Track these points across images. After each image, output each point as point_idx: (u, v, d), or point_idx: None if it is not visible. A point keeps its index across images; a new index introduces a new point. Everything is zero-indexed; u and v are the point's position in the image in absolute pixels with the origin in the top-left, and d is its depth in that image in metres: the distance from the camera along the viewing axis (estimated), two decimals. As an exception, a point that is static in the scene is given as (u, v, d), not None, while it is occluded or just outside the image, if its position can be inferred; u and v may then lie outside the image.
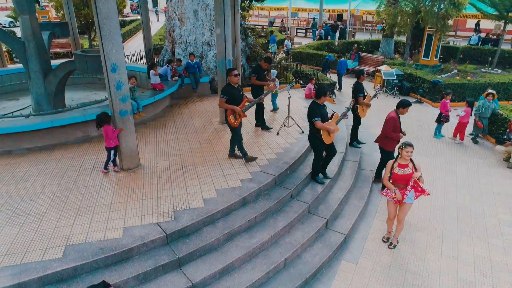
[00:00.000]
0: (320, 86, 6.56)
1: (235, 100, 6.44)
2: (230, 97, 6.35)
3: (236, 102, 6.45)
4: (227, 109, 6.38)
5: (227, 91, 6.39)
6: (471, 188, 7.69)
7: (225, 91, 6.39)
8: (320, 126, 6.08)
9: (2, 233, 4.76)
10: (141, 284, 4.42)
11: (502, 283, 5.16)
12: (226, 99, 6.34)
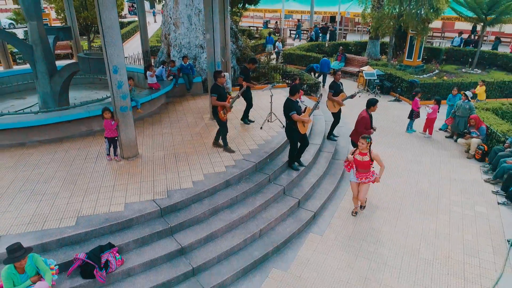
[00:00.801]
0: (293, 85, 7.55)
1: (222, 97, 7.43)
2: (218, 95, 7.34)
3: (222, 99, 7.44)
4: (218, 106, 7.37)
5: (216, 90, 7.38)
6: (432, 175, 8.71)
7: (214, 90, 7.38)
8: (296, 118, 7.06)
9: (24, 208, 5.72)
10: (140, 247, 5.40)
11: (442, 249, 6.17)
12: (216, 97, 7.33)
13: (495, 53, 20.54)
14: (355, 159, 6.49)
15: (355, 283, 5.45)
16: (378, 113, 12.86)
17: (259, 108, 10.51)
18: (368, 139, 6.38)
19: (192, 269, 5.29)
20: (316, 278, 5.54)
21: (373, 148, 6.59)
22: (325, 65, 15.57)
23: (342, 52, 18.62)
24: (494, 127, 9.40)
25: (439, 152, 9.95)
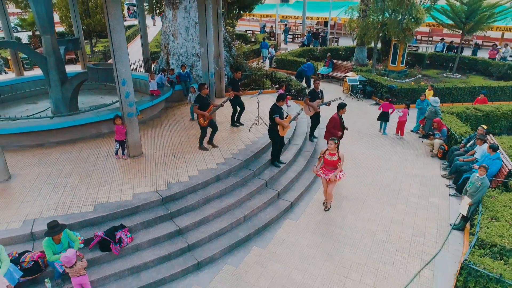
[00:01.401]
0: (279, 94, 8.83)
1: (205, 106, 8.68)
2: (201, 104, 8.60)
3: (205, 108, 8.68)
4: (199, 114, 8.64)
5: (199, 100, 8.63)
6: (397, 171, 10.01)
7: (197, 100, 8.64)
8: (278, 121, 8.34)
9: (50, 197, 6.99)
10: (145, 228, 6.67)
11: (395, 231, 7.46)
12: (198, 106, 8.60)
13: (475, 58, 21.86)
14: (325, 159, 7.76)
15: (320, 257, 6.74)
16: (358, 115, 14.24)
17: (248, 112, 11.76)
18: (335, 140, 7.67)
19: (188, 245, 6.57)
20: (288, 253, 6.83)
21: (348, 147, 7.88)
22: (309, 69, 16.92)
23: (329, 58, 19.91)
24: (454, 129, 10.70)
25: (407, 151, 11.26)
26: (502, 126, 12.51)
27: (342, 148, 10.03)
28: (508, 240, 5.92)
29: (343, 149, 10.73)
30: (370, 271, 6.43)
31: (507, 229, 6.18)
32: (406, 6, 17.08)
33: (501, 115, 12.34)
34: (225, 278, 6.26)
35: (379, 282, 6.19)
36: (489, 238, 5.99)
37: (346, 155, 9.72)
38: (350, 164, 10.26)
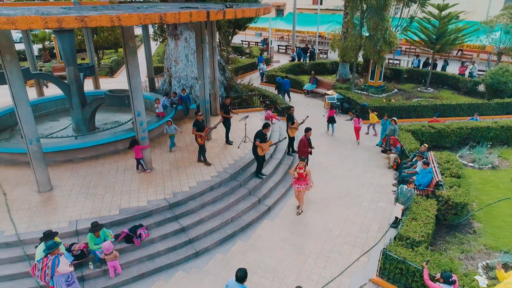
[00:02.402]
0: (265, 123, 11.13)
1: (200, 128, 11.01)
2: (198, 127, 10.94)
3: (201, 130, 11.02)
4: (196, 135, 10.98)
5: (196, 124, 10.98)
6: (358, 180, 12.35)
7: (195, 124, 10.98)
8: (257, 144, 10.67)
9: (85, 204, 9.30)
10: (157, 227, 8.99)
11: (346, 229, 9.80)
12: (196, 129, 10.93)
13: (446, 74, 24.26)
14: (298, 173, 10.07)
15: (287, 248, 9.07)
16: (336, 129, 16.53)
17: (238, 130, 14.08)
18: (304, 159, 10.00)
19: (189, 239, 8.90)
20: (264, 246, 9.16)
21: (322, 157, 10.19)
22: (286, 84, 20.11)
23: (313, 75, 22.26)
24: (406, 146, 13.04)
25: (369, 163, 13.62)
26: (452, 141, 14.84)
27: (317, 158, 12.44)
28: (419, 234, 8.26)
29: (318, 159, 13.14)
30: (322, 257, 8.77)
31: (421, 227, 8.52)
32: (381, 31, 19.42)
33: (451, 131, 14.67)
34: (216, 263, 8.59)
35: (328, 265, 8.53)
36: (405, 233, 8.33)
37: (319, 165, 12.09)
38: (321, 173, 12.61)
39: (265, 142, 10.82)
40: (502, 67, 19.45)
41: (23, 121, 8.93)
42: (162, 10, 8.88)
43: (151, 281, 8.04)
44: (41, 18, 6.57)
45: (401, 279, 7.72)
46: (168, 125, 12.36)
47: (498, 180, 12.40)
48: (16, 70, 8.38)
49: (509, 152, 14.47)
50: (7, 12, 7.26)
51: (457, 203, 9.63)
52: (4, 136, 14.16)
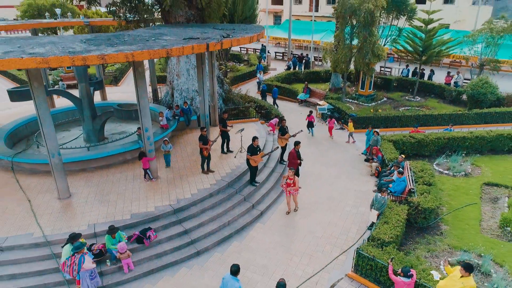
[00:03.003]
0: (253, 136, 12.47)
1: (205, 142, 12.38)
2: (203, 141, 12.31)
3: (206, 143, 12.38)
4: (203, 149, 12.35)
5: (201, 138, 12.34)
6: (343, 187, 13.73)
7: (200, 139, 12.34)
8: (248, 157, 12.04)
9: (100, 209, 10.67)
10: (164, 229, 10.35)
11: (329, 231, 11.17)
12: (202, 143, 12.30)
13: (432, 83, 25.67)
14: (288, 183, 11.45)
15: (276, 248, 10.44)
16: (323, 139, 17.94)
17: (235, 141, 15.43)
18: (292, 169, 11.39)
19: (191, 240, 10.27)
20: (257, 246, 10.53)
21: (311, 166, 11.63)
22: (274, 93, 22.32)
23: (307, 86, 23.64)
24: (386, 155, 14.42)
25: (353, 170, 15.00)
26: (431, 150, 16.21)
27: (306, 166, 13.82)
28: (388, 236, 9.63)
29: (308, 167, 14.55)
30: (307, 256, 10.15)
31: (391, 229, 9.89)
32: (369, 45, 20.78)
33: (429, 141, 16.05)
34: (214, 261, 9.96)
35: (311, 262, 9.91)
36: (377, 235, 9.70)
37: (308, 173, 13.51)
38: (310, 181, 14.00)
39: (256, 154, 12.17)
40: (482, 79, 20.86)
41: (47, 138, 10.29)
42: (168, 42, 10.26)
43: (159, 276, 9.42)
44: (69, 58, 7.95)
45: (371, 274, 9.10)
46: (164, 144, 13.13)
47: (469, 186, 13.79)
48: (42, 95, 9.75)
49: (482, 160, 15.86)
50: (38, 50, 8.62)
51: (425, 208, 11.01)
52: (21, 146, 15.54)
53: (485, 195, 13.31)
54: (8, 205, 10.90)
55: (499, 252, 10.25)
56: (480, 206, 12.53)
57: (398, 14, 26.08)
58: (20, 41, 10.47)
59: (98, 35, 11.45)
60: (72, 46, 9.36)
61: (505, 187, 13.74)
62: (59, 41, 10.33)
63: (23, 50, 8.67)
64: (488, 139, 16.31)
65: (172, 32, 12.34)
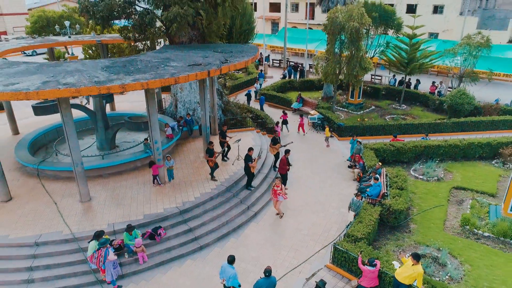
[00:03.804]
0: (249, 147, 14.29)
1: (211, 154, 14.20)
2: (209, 154, 14.12)
3: (212, 156, 14.19)
4: (209, 161, 14.17)
5: (208, 151, 14.15)
6: (328, 190, 15.56)
7: (207, 151, 14.15)
8: (250, 165, 13.86)
9: (117, 211, 12.49)
10: (172, 228, 12.18)
11: (313, 229, 13.00)
12: (208, 155, 14.11)
13: (417, 92, 27.52)
14: (274, 189, 13.28)
15: (267, 244, 12.28)
16: (313, 146, 19.76)
17: (233, 149, 17.26)
18: (279, 177, 13.22)
19: (195, 237, 12.10)
20: (251, 242, 12.36)
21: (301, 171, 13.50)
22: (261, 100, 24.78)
23: (300, 96, 25.49)
24: (367, 162, 16.24)
25: (338, 176, 16.84)
26: (409, 156, 18.03)
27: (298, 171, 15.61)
28: (361, 233, 11.45)
29: (297, 172, 16.36)
30: (293, 250, 11.98)
31: (363, 228, 11.71)
32: (357, 59, 22.60)
33: (407, 149, 17.87)
34: (215, 254, 11.79)
35: (296, 256, 11.75)
36: (352, 232, 11.52)
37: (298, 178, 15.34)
38: (299, 185, 15.83)
39: (251, 162, 14.00)
40: (460, 90, 22.72)
41: (72, 150, 12.12)
42: (175, 68, 12.10)
43: (168, 266, 11.25)
44: (97, 88, 9.79)
45: (345, 265, 10.93)
46: (167, 160, 14.25)
47: (439, 190, 15.62)
48: (69, 115, 11.57)
49: (454, 166, 17.71)
50: (70, 80, 10.45)
51: (396, 210, 12.84)
52: (41, 154, 17.38)
53: (452, 198, 15.14)
54: (37, 207, 12.73)
55: (456, 247, 12.09)
56: (447, 208, 14.37)
57: (386, 27, 27.91)
58: (50, 68, 12.29)
59: (114, 61, 13.25)
60: (96, 75, 11.21)
61: (471, 190, 15.59)
62: (83, 68, 12.16)
63: (57, 80, 10.51)
64: (460, 147, 18.15)
65: (177, 57, 14.18)
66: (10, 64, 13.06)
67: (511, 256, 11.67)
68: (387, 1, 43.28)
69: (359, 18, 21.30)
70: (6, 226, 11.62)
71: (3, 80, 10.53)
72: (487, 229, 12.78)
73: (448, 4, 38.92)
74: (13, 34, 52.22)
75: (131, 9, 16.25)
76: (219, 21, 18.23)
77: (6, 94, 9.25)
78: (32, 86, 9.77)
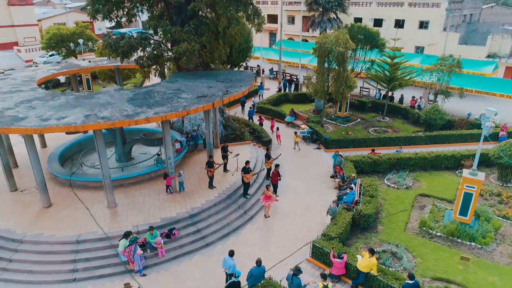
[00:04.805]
0: (246, 160, 17.24)
1: (211, 166, 17.13)
2: (209, 165, 17.06)
3: (211, 167, 17.12)
4: (208, 171, 17.11)
5: (209, 163, 17.09)
6: (313, 197, 18.48)
7: (208, 164, 17.09)
8: (243, 175, 16.79)
9: (138, 215, 15.41)
10: (183, 229, 15.11)
11: (299, 230, 15.93)
12: (208, 166, 17.05)
13: (399, 106, 30.51)
14: (266, 195, 16.22)
15: (260, 242, 15.20)
16: (303, 157, 22.70)
17: (233, 163, 20.16)
18: (268, 186, 16.17)
19: (202, 236, 15.04)
20: (247, 241, 15.29)
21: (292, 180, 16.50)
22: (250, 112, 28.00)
23: (292, 110, 28.45)
24: (346, 173, 19.16)
25: (322, 184, 19.77)
26: (384, 167, 20.97)
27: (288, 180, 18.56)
28: (334, 233, 14.36)
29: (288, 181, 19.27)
30: (281, 247, 14.91)
31: (337, 229, 14.63)
32: (342, 78, 25.52)
33: (383, 161, 20.81)
34: (218, 250, 14.71)
35: (284, 252, 14.67)
36: (327, 232, 14.45)
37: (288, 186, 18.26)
38: (289, 192, 18.75)
39: (248, 173, 16.93)
40: (434, 106, 25.68)
41: (103, 166, 15.03)
42: (186, 101, 15.03)
43: (181, 260, 14.18)
44: (128, 121, 12.73)
45: (321, 258, 13.87)
46: (178, 175, 17.04)
47: (406, 197, 18.57)
48: (101, 139, 14.47)
49: (423, 176, 20.65)
50: (106, 114, 13.38)
51: (365, 214, 15.77)
52: (68, 165, 20.29)
53: (416, 204, 18.09)
54: (73, 212, 15.66)
55: (412, 244, 15.03)
56: (410, 212, 17.31)
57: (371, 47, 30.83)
58: (85, 101, 15.22)
59: (136, 93, 16.20)
60: (124, 107, 14.16)
61: (433, 197, 18.55)
62: (112, 101, 15.10)
63: (96, 113, 13.46)
64: (429, 159, 21.10)
65: (187, 88, 17.14)
66: (53, 96, 15.98)
67: (454, 251, 14.63)
68: (377, 16, 46.44)
69: (344, 43, 24.20)
70: (51, 228, 14.55)
71: (53, 113, 13.48)
72: (439, 230, 15.73)
73: (433, 21, 41.86)
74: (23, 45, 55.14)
75: (146, 43, 19.16)
76: (220, 50, 21.16)
77: (61, 128, 12.17)
78: (78, 120, 12.71)
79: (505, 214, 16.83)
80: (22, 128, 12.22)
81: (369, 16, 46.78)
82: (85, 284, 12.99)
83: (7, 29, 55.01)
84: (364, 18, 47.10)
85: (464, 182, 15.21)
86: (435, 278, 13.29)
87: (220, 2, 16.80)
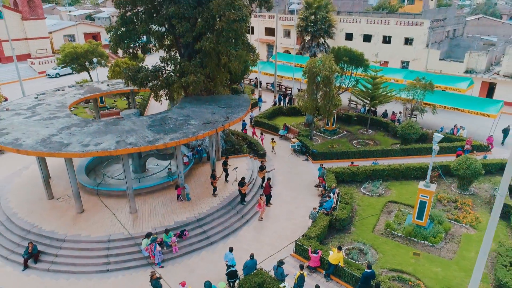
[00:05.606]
0: (242, 177, 20.84)
1: (214, 178, 20.72)
2: (213, 177, 20.65)
3: (214, 178, 20.72)
4: (213, 182, 20.71)
5: (212, 175, 20.69)
6: (299, 204, 22.06)
7: (211, 176, 20.69)
8: (239, 188, 20.39)
9: (155, 219, 19.03)
10: (192, 230, 18.70)
11: (287, 231, 19.52)
12: (212, 178, 20.65)
13: (381, 120, 34.08)
14: (259, 203, 19.82)
15: (255, 241, 18.79)
16: (293, 168, 26.33)
17: (233, 174, 23.71)
18: (261, 196, 19.77)
19: (207, 236, 18.64)
20: (244, 240, 18.88)
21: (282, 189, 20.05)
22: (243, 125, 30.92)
23: (285, 125, 32.05)
24: (328, 183, 22.74)
25: (307, 192, 23.35)
26: (361, 177, 24.54)
27: (278, 190, 22.19)
28: (313, 234, 17.93)
29: (280, 190, 22.88)
30: (270, 245, 18.50)
31: (316, 230, 18.20)
32: (329, 98, 29.10)
33: (360, 172, 24.38)
34: (221, 248, 18.28)
35: (273, 249, 18.26)
36: (308, 233, 18.02)
37: (278, 195, 21.88)
38: (278, 200, 22.34)
39: (243, 186, 20.53)
40: (408, 122, 29.28)
41: (127, 179, 18.59)
42: (194, 127, 18.63)
43: (191, 255, 17.78)
44: (150, 146, 16.32)
45: (302, 253, 17.46)
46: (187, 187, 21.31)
47: (377, 203, 22.16)
48: (126, 158, 18.06)
49: (394, 185, 24.23)
50: (132, 140, 16.97)
51: (340, 218, 19.36)
52: (91, 175, 23.88)
53: (385, 209, 21.68)
54: (102, 216, 19.25)
55: (377, 242, 18.63)
56: (379, 216, 20.90)
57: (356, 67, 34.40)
58: (113, 128, 18.82)
59: (154, 119, 19.84)
60: (146, 134, 17.78)
61: (400, 203, 22.13)
62: (135, 128, 18.72)
63: (124, 140, 17.05)
64: (400, 170, 24.68)
65: (195, 114, 20.76)
66: (86, 123, 19.58)
67: (410, 248, 18.23)
68: (367, 32, 50.02)
69: (330, 68, 27.79)
70: (87, 229, 18.14)
71: (91, 139, 17.10)
72: (400, 231, 19.32)
73: (416, 37, 45.44)
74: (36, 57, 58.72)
75: (159, 73, 22.77)
76: (222, 76, 24.76)
77: (99, 153, 15.78)
78: (112, 146, 16.34)
79: (456, 218, 20.43)
80: (70, 153, 15.82)
81: (359, 32, 50.34)
82: (116, 273, 16.60)
83: (21, 42, 58.72)
84: (354, 33, 50.74)
85: (420, 192, 18.79)
86: (391, 269, 16.90)
87: (222, 43, 20.37)
